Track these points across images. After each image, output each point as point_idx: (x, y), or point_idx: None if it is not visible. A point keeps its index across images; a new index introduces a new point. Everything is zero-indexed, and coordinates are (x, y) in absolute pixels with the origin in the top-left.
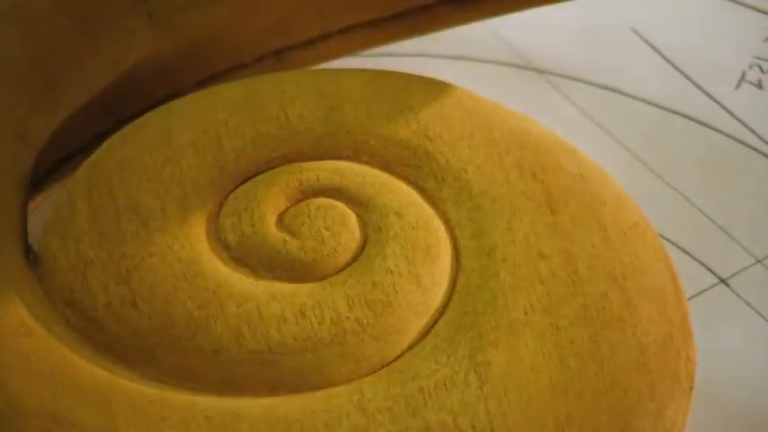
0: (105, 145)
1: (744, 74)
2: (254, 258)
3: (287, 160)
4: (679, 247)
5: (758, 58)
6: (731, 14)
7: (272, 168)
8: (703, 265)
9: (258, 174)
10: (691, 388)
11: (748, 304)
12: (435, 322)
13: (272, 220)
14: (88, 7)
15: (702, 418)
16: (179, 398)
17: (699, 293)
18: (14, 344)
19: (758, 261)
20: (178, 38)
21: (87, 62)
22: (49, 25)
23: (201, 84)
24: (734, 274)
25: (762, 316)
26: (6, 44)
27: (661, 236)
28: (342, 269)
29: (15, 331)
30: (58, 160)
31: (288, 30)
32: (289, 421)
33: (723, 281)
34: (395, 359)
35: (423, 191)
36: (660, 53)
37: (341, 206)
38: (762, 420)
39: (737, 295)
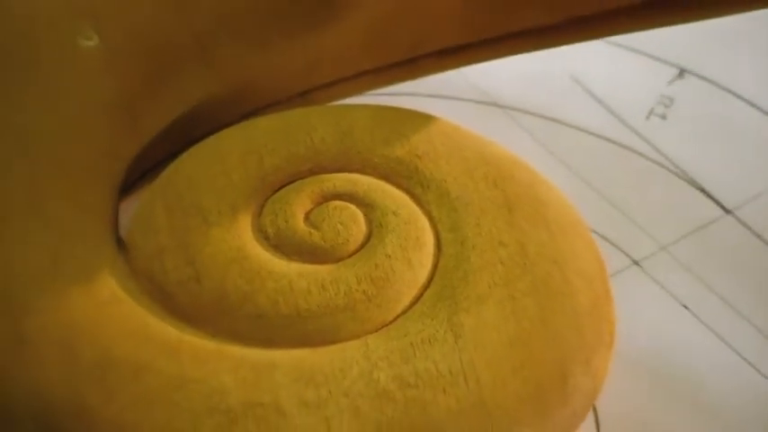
0: (175, 162)
1: (652, 109)
2: (287, 246)
3: (312, 173)
4: (604, 238)
5: (663, 96)
6: (644, 64)
7: (301, 179)
8: (621, 250)
9: (290, 183)
10: (611, 343)
11: (655, 281)
12: (422, 294)
13: (300, 217)
14: (160, 60)
15: (618, 368)
16: (232, 350)
17: (618, 272)
18: (108, 309)
19: (663, 248)
20: (230, 83)
21: (160, 102)
22: (134, 71)
23: (247, 116)
24: (644, 258)
25: (665, 289)
26: (101, 87)
27: (591, 230)
28: (352, 254)
29: (109, 300)
30: (141, 173)
31: (312, 76)
32: (313, 367)
33: (636, 263)
34: (392, 321)
35: (413, 196)
36: (591, 94)
37: (352, 207)
38: (664, 370)
39: (647, 274)
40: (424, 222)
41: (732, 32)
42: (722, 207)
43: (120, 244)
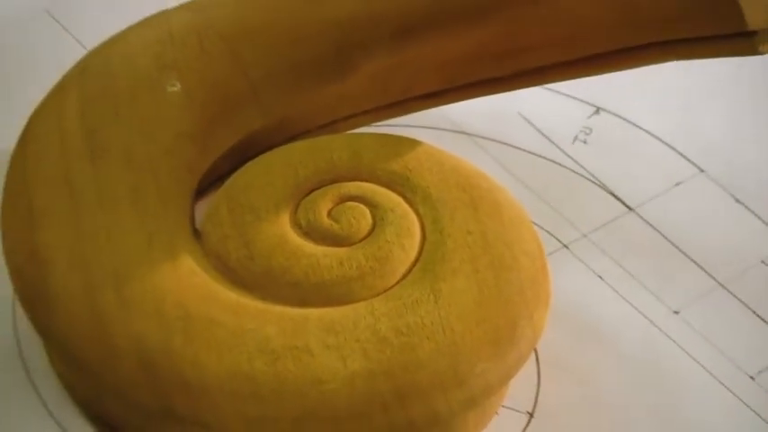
0: (235, 174)
1: (576, 136)
2: (315, 234)
3: (333, 182)
4: (542, 228)
5: (585, 127)
6: (570, 103)
7: (325, 186)
8: (554, 237)
9: (317, 189)
10: (548, 303)
11: (579, 259)
12: (412, 268)
13: (324, 213)
14: (225, 101)
15: (552, 322)
16: (276, 309)
17: (552, 252)
18: (187, 279)
19: (584, 235)
20: (275, 118)
21: (224, 132)
22: (206, 109)
23: (287, 140)
24: (571, 242)
25: (586, 264)
26: (182, 121)
27: (532, 221)
28: (362, 240)
29: (188, 273)
30: (210, 182)
31: (333, 112)
32: (333, 321)
33: (565, 246)
34: (390, 288)
35: (405, 198)
36: (532, 125)
37: (362, 206)
38: (586, 323)
39: (573, 254)
40: (414, 217)
41: (636, 79)
42: (627, 206)
43: (196, 233)
